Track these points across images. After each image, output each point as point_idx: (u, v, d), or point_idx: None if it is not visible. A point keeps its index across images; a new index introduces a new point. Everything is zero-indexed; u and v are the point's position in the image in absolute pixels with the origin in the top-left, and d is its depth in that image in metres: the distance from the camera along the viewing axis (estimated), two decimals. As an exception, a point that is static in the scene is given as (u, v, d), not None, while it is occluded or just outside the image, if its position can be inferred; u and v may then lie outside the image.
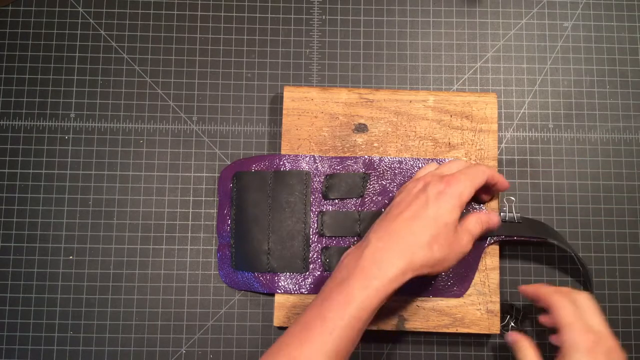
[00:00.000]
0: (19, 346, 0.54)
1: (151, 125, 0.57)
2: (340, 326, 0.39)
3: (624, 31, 0.59)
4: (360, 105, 0.55)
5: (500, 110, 0.58)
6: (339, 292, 0.40)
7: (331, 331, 0.39)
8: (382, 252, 0.42)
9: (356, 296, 0.40)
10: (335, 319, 0.39)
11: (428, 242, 0.42)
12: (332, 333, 0.39)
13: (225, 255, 0.55)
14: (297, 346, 0.39)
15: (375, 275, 0.40)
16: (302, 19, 0.59)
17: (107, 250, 0.55)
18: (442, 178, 0.45)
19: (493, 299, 0.52)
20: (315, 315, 0.40)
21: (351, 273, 0.41)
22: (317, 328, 0.39)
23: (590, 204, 0.56)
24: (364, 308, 0.40)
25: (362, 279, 0.40)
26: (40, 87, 0.57)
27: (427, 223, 0.43)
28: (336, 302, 0.40)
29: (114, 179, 0.56)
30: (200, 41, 0.59)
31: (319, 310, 0.40)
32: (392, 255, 0.41)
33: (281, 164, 0.54)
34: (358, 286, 0.40)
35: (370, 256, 0.41)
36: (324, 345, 0.39)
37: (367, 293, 0.40)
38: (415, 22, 0.59)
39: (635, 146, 0.58)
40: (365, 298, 0.40)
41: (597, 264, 0.56)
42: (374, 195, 0.54)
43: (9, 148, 0.57)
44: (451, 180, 0.45)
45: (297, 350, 0.39)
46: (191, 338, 0.54)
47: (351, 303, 0.40)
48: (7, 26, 0.58)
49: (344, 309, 0.39)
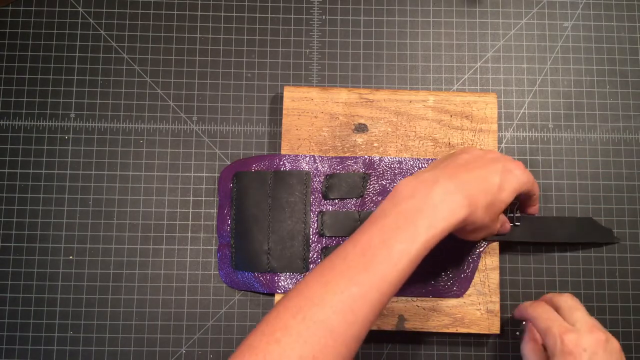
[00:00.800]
0: (19, 346, 0.54)
1: (151, 125, 0.57)
2: (405, 259, 0.38)
3: (624, 31, 0.59)
4: (360, 105, 0.55)
5: (500, 110, 0.58)
6: (407, 225, 0.39)
7: (396, 262, 0.38)
8: (453, 195, 0.41)
9: (424, 233, 0.39)
10: (402, 252, 0.38)
11: (487, 205, 0.43)
12: (396, 264, 0.38)
13: (225, 255, 0.55)
14: (361, 271, 0.38)
15: (444, 216, 0.40)
16: (302, 19, 0.59)
17: (107, 250, 0.55)
18: (514, 160, 0.46)
19: (493, 299, 0.52)
20: (379, 244, 0.39)
21: (420, 207, 0.40)
22: (382, 257, 0.38)
23: (590, 204, 0.56)
24: (428, 245, 0.39)
25: (431, 218, 0.39)
26: (40, 87, 0.57)
27: (493, 187, 0.43)
28: (404, 236, 0.39)
29: (114, 179, 0.56)
30: (200, 41, 0.59)
31: (382, 237, 0.39)
32: (461, 202, 0.41)
33: (281, 164, 0.54)
34: (426, 224, 0.39)
35: (441, 195, 0.40)
36: (388, 275, 0.38)
37: (433, 232, 0.39)
38: (415, 22, 0.59)
39: (635, 146, 0.58)
40: (431, 237, 0.39)
41: (597, 263, 0.56)
42: (374, 195, 0.54)
43: (9, 148, 0.57)
44: (521, 165, 0.46)
45: (363, 276, 0.37)
46: (191, 338, 0.54)
47: (418, 238, 0.39)
48: (7, 26, 0.58)
49: (412, 243, 0.39)
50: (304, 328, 0.36)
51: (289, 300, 0.38)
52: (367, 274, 0.38)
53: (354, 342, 0.37)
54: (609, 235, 0.55)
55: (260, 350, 0.36)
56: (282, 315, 0.37)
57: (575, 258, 0.56)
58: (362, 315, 0.37)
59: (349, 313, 0.37)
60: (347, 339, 0.37)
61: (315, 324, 0.36)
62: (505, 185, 0.44)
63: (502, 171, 0.44)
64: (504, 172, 0.44)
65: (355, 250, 0.39)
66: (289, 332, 0.36)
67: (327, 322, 0.36)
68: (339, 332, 0.36)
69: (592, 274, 0.56)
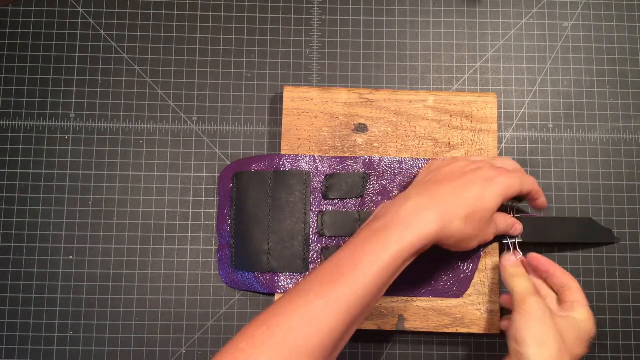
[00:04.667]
0: (19, 346, 0.54)
1: (151, 125, 0.57)
2: (373, 272, 0.39)
3: (624, 31, 0.59)
4: (360, 105, 0.55)
5: (500, 110, 0.58)
6: (376, 239, 0.41)
7: (364, 275, 0.39)
8: (423, 208, 0.42)
9: (391, 245, 0.40)
10: (368, 264, 0.39)
11: (465, 216, 0.43)
12: (364, 277, 0.39)
13: (225, 255, 0.55)
14: (328, 285, 0.39)
15: (413, 228, 0.41)
16: (302, 19, 0.59)
17: (107, 250, 0.55)
18: (496, 167, 0.47)
19: (493, 299, 0.52)
20: (348, 259, 0.40)
21: (389, 223, 0.41)
22: (350, 271, 0.39)
23: (590, 204, 0.56)
24: (396, 258, 0.40)
25: (399, 229, 0.41)
26: (40, 87, 0.57)
27: (470, 198, 0.44)
28: (371, 249, 0.40)
29: (114, 179, 0.56)
30: (200, 41, 0.59)
31: (352, 254, 0.40)
32: (432, 214, 0.42)
33: (281, 164, 0.54)
34: (395, 236, 0.40)
35: (411, 209, 0.42)
36: (355, 288, 0.39)
37: (401, 244, 0.40)
38: (415, 22, 0.59)
39: (635, 146, 0.58)
40: (399, 249, 0.40)
41: (597, 264, 0.56)
42: (374, 195, 0.54)
43: (9, 148, 0.57)
44: (504, 172, 0.46)
45: (329, 289, 0.39)
46: (191, 338, 0.54)
47: (386, 251, 0.40)
48: (7, 26, 0.58)
49: (379, 255, 0.40)
50: (268, 337, 0.37)
51: (260, 315, 0.39)
52: (334, 287, 0.39)
53: (321, 351, 0.38)
54: (608, 236, 0.55)
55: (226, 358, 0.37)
56: (250, 327, 0.38)
57: (575, 258, 0.56)
58: (327, 325, 0.38)
59: (313, 323, 0.38)
60: (311, 348, 0.37)
61: (278, 333, 0.37)
62: (486, 194, 0.44)
63: (482, 180, 0.45)
64: (484, 182, 0.45)
65: (327, 266, 0.41)
66: (254, 342, 0.37)
67: (291, 331, 0.37)
68: (303, 341, 0.37)
69: (592, 274, 0.56)
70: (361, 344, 0.55)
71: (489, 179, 0.45)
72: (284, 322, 0.38)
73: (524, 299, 0.45)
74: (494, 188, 0.45)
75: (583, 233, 0.55)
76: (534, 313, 0.44)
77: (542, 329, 0.43)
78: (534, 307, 0.44)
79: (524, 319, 0.43)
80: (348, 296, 0.39)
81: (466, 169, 0.47)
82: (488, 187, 0.45)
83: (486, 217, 0.45)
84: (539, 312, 0.44)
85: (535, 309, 0.44)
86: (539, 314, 0.43)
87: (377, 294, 0.40)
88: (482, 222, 0.45)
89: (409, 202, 0.43)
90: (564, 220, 0.55)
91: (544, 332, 0.43)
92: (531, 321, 0.43)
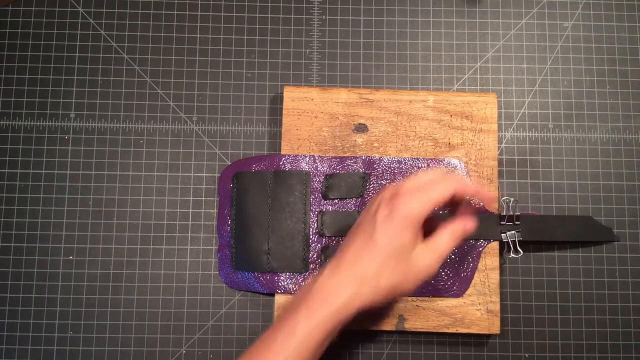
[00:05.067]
0: (19, 346, 0.54)
1: (151, 125, 0.57)
2: (286, 354, 0.40)
3: (624, 31, 0.59)
4: (360, 105, 0.55)
5: (500, 110, 0.58)
6: (287, 320, 0.41)
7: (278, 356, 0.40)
8: (330, 284, 0.42)
9: (300, 326, 0.41)
10: (281, 346, 0.41)
11: (375, 273, 0.41)
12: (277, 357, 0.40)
13: (225, 255, 0.55)
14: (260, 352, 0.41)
15: (320, 306, 0.41)
16: (302, 19, 0.59)
17: (107, 250, 0.55)
18: (392, 198, 0.42)
19: (493, 299, 0.52)
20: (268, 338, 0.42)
21: (300, 302, 0.42)
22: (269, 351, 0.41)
23: (590, 204, 0.56)
24: (308, 338, 0.41)
25: (307, 309, 0.41)
26: (40, 87, 0.57)
27: (374, 252, 0.41)
28: (282, 331, 0.41)
29: (114, 179, 0.56)
30: (200, 41, 0.59)
31: (272, 333, 0.42)
32: (339, 287, 0.41)
33: (281, 164, 0.54)
34: (303, 316, 0.41)
35: (319, 287, 0.42)
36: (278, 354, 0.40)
37: (310, 324, 0.41)
38: (415, 22, 0.59)
39: (635, 146, 0.58)
40: (309, 329, 0.40)
41: (597, 263, 0.56)
42: (374, 195, 0.54)
43: (9, 148, 0.57)
44: (397, 201, 0.42)
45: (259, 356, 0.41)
46: (191, 338, 0.54)
47: (295, 333, 0.41)
48: (7, 26, 0.58)
49: (289, 338, 0.41)
50: None
51: None
52: None
53: None
54: (608, 234, 0.55)
55: None
56: None
57: (575, 258, 0.56)
58: None
59: None
60: None
61: None
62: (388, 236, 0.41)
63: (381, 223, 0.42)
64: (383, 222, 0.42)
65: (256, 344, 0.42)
66: None
67: None
68: None
69: (592, 274, 0.56)
70: (361, 344, 0.55)
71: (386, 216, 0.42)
72: None
73: None
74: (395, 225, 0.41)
75: (583, 231, 0.55)
76: None
77: None
78: None
79: None
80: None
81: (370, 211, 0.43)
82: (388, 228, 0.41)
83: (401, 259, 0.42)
84: None
85: None
86: None
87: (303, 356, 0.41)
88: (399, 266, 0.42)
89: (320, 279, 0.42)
90: (563, 218, 0.55)
91: None
92: None
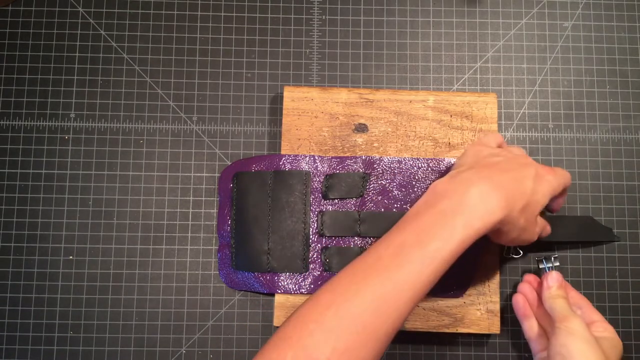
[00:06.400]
0: (19, 346, 0.54)
1: (151, 125, 0.57)
2: (439, 257, 0.39)
3: (624, 31, 0.59)
4: (360, 105, 0.55)
5: (500, 110, 0.58)
6: (443, 224, 0.40)
7: (431, 261, 0.39)
8: (490, 195, 0.41)
9: (459, 232, 0.39)
10: (436, 250, 0.39)
11: (522, 207, 0.43)
12: (431, 263, 0.39)
13: (225, 255, 0.55)
14: (395, 269, 0.38)
15: (481, 216, 0.40)
16: (302, 19, 0.59)
17: (107, 250, 0.55)
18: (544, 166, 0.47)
19: (493, 299, 0.52)
20: (413, 243, 0.39)
21: (456, 207, 0.40)
22: (416, 256, 0.39)
23: (590, 204, 0.56)
24: (462, 245, 0.40)
25: (467, 217, 0.40)
26: (40, 87, 0.57)
27: (526, 191, 0.43)
28: (439, 234, 0.39)
29: (114, 179, 0.56)
30: (200, 41, 0.59)
31: (417, 237, 0.40)
32: (498, 202, 0.41)
33: (281, 164, 0.54)
34: (461, 224, 0.40)
35: (477, 195, 0.41)
36: (421, 273, 0.38)
37: (469, 232, 0.40)
38: (415, 22, 0.59)
39: (635, 146, 0.58)
40: (466, 236, 0.40)
41: (597, 263, 0.56)
42: (374, 195, 0.54)
43: (9, 148, 0.57)
44: (557, 171, 0.47)
45: (397, 274, 0.38)
46: (191, 338, 0.54)
47: (454, 237, 0.39)
48: (7, 26, 0.58)
49: (447, 242, 0.39)
50: (337, 322, 0.37)
51: (321, 294, 0.39)
52: (401, 272, 0.38)
53: (386, 337, 0.38)
54: (608, 234, 0.55)
55: (294, 341, 0.36)
56: (314, 308, 0.38)
57: (575, 258, 0.56)
58: (394, 312, 0.38)
59: (381, 309, 0.37)
60: (379, 334, 0.37)
61: (347, 318, 0.37)
62: (539, 190, 0.44)
63: (535, 176, 0.44)
64: (537, 178, 0.44)
65: (389, 251, 0.40)
66: (322, 326, 0.36)
67: (360, 317, 0.37)
68: (372, 328, 0.37)
69: (592, 274, 0.56)
70: (361, 344, 0.55)
71: (541, 176, 0.45)
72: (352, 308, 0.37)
73: (566, 317, 0.45)
74: (546, 186, 0.45)
75: (583, 231, 0.55)
76: (580, 332, 0.44)
77: (589, 347, 0.43)
78: (579, 326, 0.45)
79: (570, 336, 0.44)
80: (415, 282, 0.38)
81: (518, 160, 0.46)
82: (541, 184, 0.44)
83: (536, 212, 0.45)
84: (585, 331, 0.44)
85: (580, 328, 0.44)
86: (584, 334, 0.44)
87: (438, 279, 0.40)
88: (532, 216, 0.44)
89: (475, 186, 0.41)
90: (563, 218, 0.55)
91: (591, 351, 0.43)
92: (577, 339, 0.44)
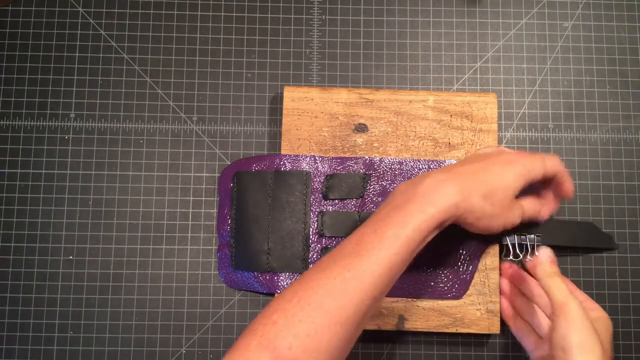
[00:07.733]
0: (19, 346, 0.54)
1: (151, 125, 0.57)
2: (396, 244, 0.40)
3: (624, 31, 0.59)
4: (360, 105, 0.55)
5: (500, 110, 0.58)
6: (397, 214, 0.42)
7: (388, 247, 0.40)
8: (443, 183, 0.43)
9: (414, 218, 0.41)
10: (392, 237, 0.40)
11: (485, 194, 0.44)
12: (388, 249, 0.40)
13: (225, 255, 0.55)
14: (354, 258, 0.40)
15: (433, 201, 0.42)
16: (302, 19, 0.59)
17: (107, 250, 0.55)
18: (519, 152, 0.48)
19: (493, 299, 0.52)
20: (371, 233, 0.41)
21: (410, 198, 0.42)
22: (374, 244, 0.40)
23: (590, 204, 0.56)
24: (419, 230, 0.41)
25: (420, 204, 0.42)
26: (40, 87, 0.57)
27: (489, 177, 0.45)
28: (394, 223, 0.41)
29: (114, 179, 0.56)
30: (200, 41, 0.59)
31: (374, 228, 0.41)
32: (451, 187, 0.43)
33: (281, 164, 0.54)
34: (416, 210, 0.41)
35: (431, 185, 0.43)
36: (380, 260, 0.40)
37: (423, 217, 0.41)
38: (415, 22, 0.59)
39: (635, 146, 0.58)
40: (421, 222, 0.41)
41: (597, 263, 0.56)
42: (374, 196, 0.54)
43: (9, 148, 0.57)
44: (526, 154, 0.47)
45: (355, 262, 0.40)
46: (191, 338, 0.55)
47: (408, 224, 0.41)
48: (7, 26, 0.58)
49: (402, 228, 0.41)
50: (299, 309, 0.38)
51: (288, 288, 0.40)
52: (360, 260, 0.40)
53: (350, 323, 0.39)
54: (609, 241, 0.55)
55: (259, 331, 0.38)
56: (279, 301, 0.39)
57: (575, 258, 0.56)
58: (356, 298, 0.39)
59: (342, 295, 0.39)
60: (342, 319, 0.38)
61: (309, 305, 0.38)
62: (505, 174, 0.45)
63: (502, 162, 0.46)
64: (504, 163, 0.46)
65: (350, 241, 0.42)
66: (285, 314, 0.38)
67: (321, 304, 0.38)
68: (334, 313, 0.38)
69: (592, 274, 0.56)
70: (361, 344, 0.55)
71: (511, 161, 0.46)
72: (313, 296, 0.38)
73: (565, 302, 0.45)
74: (515, 168, 0.46)
75: (583, 237, 0.54)
76: (578, 317, 0.44)
77: (587, 333, 0.43)
78: (577, 311, 0.44)
79: (569, 325, 0.44)
80: (373, 270, 0.39)
81: (491, 153, 0.48)
82: (508, 168, 0.45)
83: (507, 196, 0.45)
84: (582, 316, 0.44)
85: (578, 313, 0.44)
86: (582, 319, 0.44)
87: (401, 267, 0.41)
88: (503, 201, 0.45)
89: (428, 178, 0.43)
90: (564, 222, 0.55)
91: (589, 336, 0.43)
92: (576, 326, 0.43)
